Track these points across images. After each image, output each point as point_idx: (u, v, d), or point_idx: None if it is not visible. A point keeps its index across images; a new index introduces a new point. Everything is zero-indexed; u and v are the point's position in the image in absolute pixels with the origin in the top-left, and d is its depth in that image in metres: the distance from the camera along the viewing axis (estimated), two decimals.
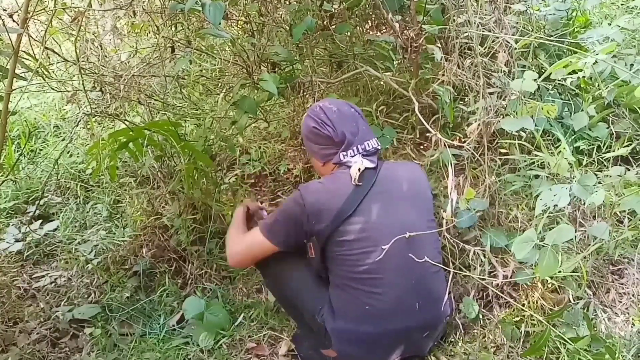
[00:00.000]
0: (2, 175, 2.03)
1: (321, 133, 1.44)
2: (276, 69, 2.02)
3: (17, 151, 2.77)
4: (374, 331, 1.39)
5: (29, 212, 2.44)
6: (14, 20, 1.51)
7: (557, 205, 1.30)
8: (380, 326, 1.38)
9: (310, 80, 2.00)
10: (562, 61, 1.43)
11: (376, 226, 1.36)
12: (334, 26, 2.10)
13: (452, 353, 1.54)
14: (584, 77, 1.75)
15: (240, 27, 2.37)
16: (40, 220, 2.37)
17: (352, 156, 1.41)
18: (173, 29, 2.22)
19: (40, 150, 2.88)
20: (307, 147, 1.53)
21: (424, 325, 1.43)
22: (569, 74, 1.63)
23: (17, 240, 2.23)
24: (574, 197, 1.36)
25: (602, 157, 1.80)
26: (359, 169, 1.38)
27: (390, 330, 1.39)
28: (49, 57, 2.26)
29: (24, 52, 1.56)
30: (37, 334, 1.74)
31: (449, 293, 1.48)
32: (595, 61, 1.37)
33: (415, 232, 1.36)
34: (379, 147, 1.48)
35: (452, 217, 1.43)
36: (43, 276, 2.06)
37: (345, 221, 1.35)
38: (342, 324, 1.40)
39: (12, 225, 2.35)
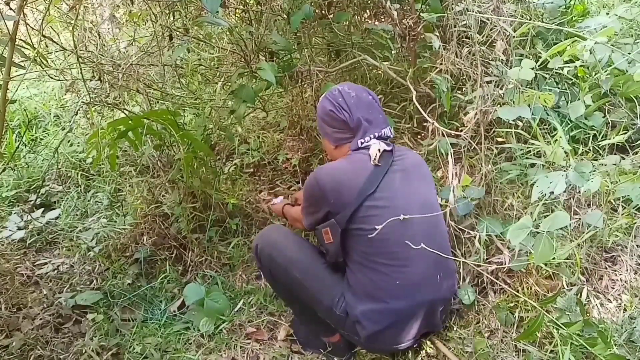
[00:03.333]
0: (2, 164, 2.03)
1: (337, 117, 1.44)
2: (274, 58, 2.02)
3: (18, 140, 2.78)
4: (404, 306, 1.39)
5: (30, 201, 2.47)
6: (10, 8, 1.51)
7: (553, 192, 1.31)
8: (410, 300, 1.39)
9: (309, 69, 2.00)
10: (560, 45, 1.42)
11: (399, 202, 1.38)
12: (332, 15, 2.10)
13: (447, 337, 1.57)
14: (581, 65, 1.75)
15: (238, 15, 2.36)
16: (42, 209, 2.39)
17: (369, 140, 1.43)
18: (171, 17, 2.22)
19: (41, 139, 2.90)
20: (321, 129, 1.53)
21: (444, 297, 1.47)
22: (566, 62, 1.63)
23: (19, 228, 2.26)
24: (569, 185, 1.36)
25: (597, 146, 1.81)
26: (379, 150, 1.39)
27: (419, 303, 1.40)
28: (47, 46, 2.26)
29: (22, 40, 1.55)
30: (41, 319, 1.77)
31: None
32: (592, 49, 1.37)
33: (433, 208, 1.43)
34: (392, 136, 1.49)
35: (454, 204, 1.46)
36: (46, 263, 2.09)
37: (369, 197, 1.35)
38: (372, 305, 1.39)
39: (15, 213, 2.37)
